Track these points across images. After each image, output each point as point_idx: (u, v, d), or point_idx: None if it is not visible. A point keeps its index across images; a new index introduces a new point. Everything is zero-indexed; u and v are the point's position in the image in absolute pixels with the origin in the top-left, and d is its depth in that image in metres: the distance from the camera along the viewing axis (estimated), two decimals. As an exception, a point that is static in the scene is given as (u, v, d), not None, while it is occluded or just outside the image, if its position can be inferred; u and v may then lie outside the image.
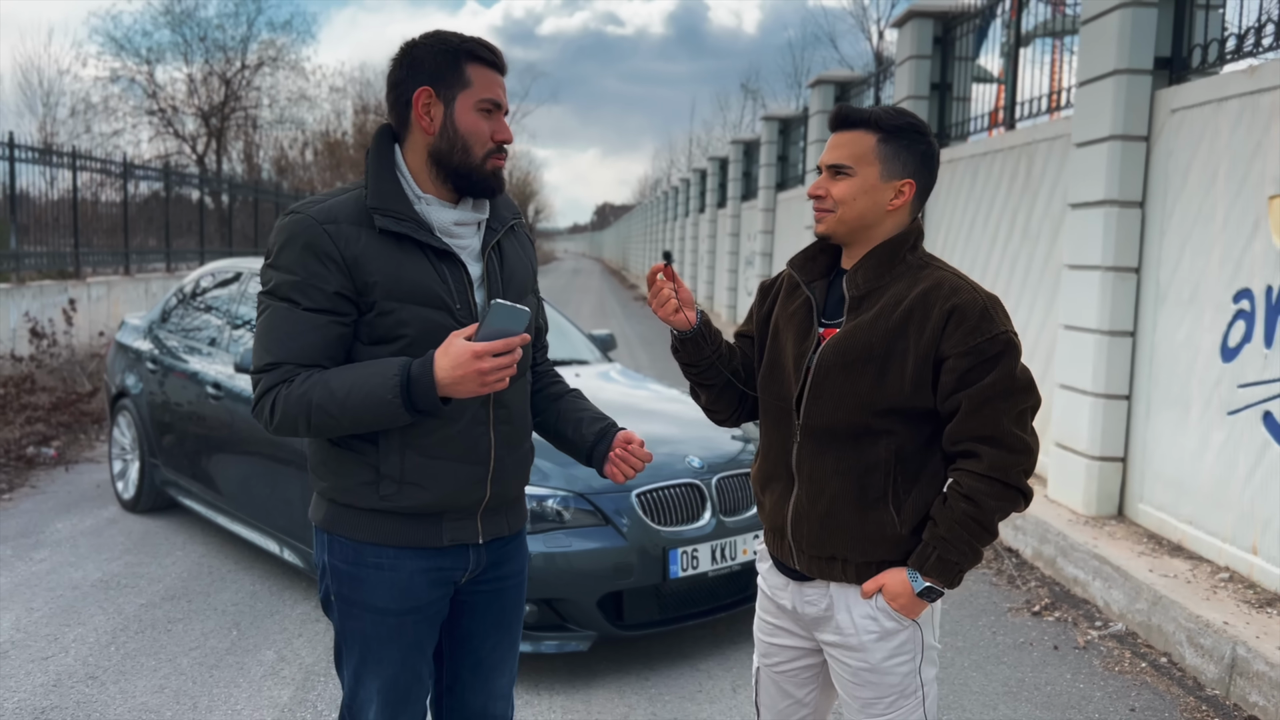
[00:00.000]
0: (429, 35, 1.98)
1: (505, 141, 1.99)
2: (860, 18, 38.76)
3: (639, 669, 3.99)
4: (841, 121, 2.01)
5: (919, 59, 8.59)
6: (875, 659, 2.02)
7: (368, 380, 1.85)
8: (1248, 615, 3.99)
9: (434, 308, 1.94)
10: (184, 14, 30.22)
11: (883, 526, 1.98)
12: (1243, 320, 4.49)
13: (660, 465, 4.09)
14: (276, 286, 1.91)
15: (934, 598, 1.98)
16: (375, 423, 1.87)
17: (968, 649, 4.27)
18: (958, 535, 1.92)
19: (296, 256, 1.89)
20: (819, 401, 1.99)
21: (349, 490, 1.99)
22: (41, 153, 12.10)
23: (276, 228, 1.95)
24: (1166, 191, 5.10)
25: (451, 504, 2.01)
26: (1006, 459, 1.92)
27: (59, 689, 3.77)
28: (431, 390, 1.82)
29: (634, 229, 51.73)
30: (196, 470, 5.37)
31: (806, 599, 2.09)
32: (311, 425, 1.88)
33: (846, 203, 1.98)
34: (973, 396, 1.91)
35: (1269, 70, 4.42)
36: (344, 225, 1.91)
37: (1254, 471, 4.39)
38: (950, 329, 1.91)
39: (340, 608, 2.05)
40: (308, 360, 1.89)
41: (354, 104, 40.17)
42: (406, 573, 2.01)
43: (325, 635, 4.27)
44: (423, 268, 1.94)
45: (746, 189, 18.15)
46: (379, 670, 2.05)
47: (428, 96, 1.93)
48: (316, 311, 1.89)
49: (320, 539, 2.07)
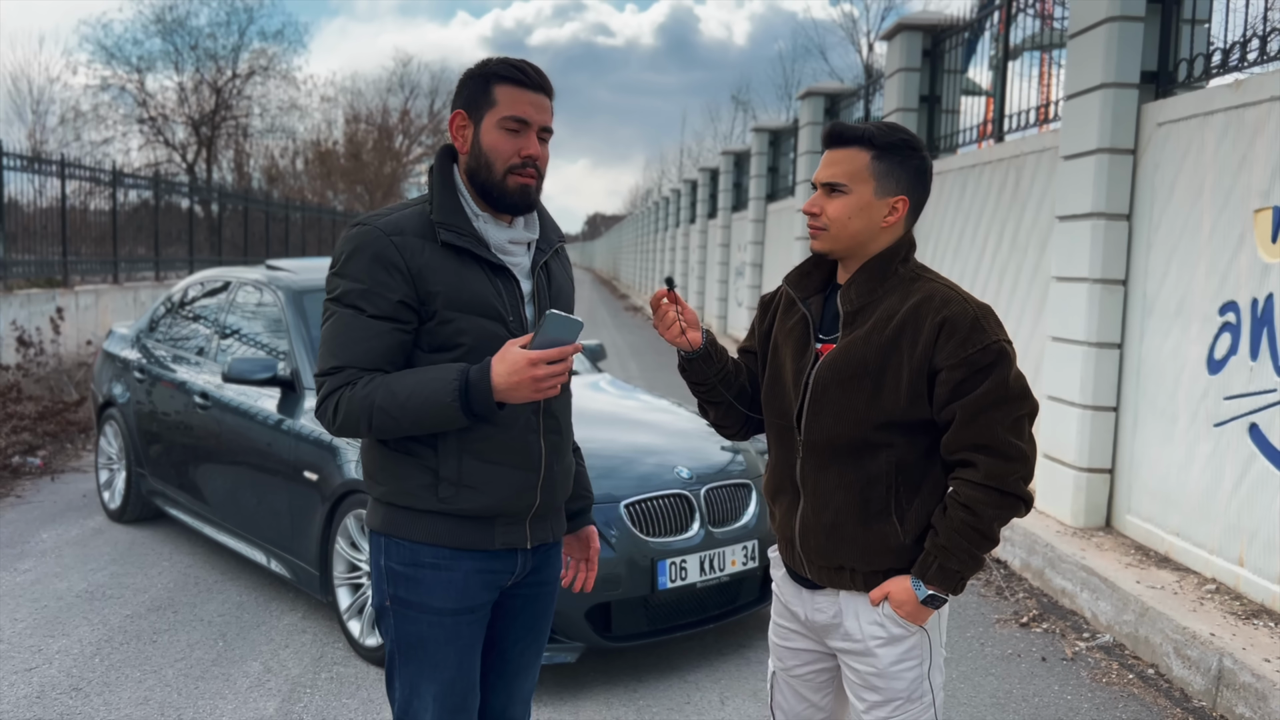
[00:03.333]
0: (477, 64, 2.08)
1: (532, 156, 2.03)
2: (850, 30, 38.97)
3: (627, 680, 3.98)
4: (836, 139, 2.02)
5: (908, 71, 8.63)
6: (883, 664, 2.04)
7: (428, 384, 1.93)
8: (1234, 627, 4.01)
9: (490, 318, 2.03)
10: (175, 22, 30.26)
11: (886, 538, 2.01)
12: (1229, 333, 4.51)
13: (649, 476, 4.09)
14: (343, 294, 2.00)
15: (938, 604, 2.01)
16: (433, 425, 1.96)
17: (955, 660, 4.27)
18: (957, 544, 1.95)
19: (364, 266, 1.98)
20: (818, 418, 2.02)
21: (407, 493, 2.06)
22: (30, 161, 12.05)
23: (344, 238, 2.04)
24: (1153, 204, 5.13)
25: (505, 509, 2.09)
26: (1003, 467, 1.94)
27: (43, 700, 3.74)
28: (488, 395, 1.91)
29: (625, 239, 51.77)
30: (183, 480, 5.34)
31: (816, 607, 2.12)
32: (373, 426, 1.96)
33: (841, 221, 2.00)
34: (967, 406, 1.93)
35: (1254, 85, 4.46)
36: (410, 237, 2.00)
37: (1240, 483, 4.41)
38: (942, 341, 1.94)
39: (397, 612, 2.10)
40: (370, 365, 1.98)
41: (345, 113, 40.21)
42: (462, 572, 2.08)
43: (312, 646, 4.24)
44: (481, 281, 2.03)
45: (737, 200, 18.19)
46: (435, 675, 2.10)
47: (461, 119, 2.06)
48: (380, 319, 1.98)
49: (377, 543, 2.12)
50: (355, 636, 4.12)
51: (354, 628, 4.14)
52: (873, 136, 1.98)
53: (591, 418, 4.94)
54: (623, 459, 4.24)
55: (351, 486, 4.04)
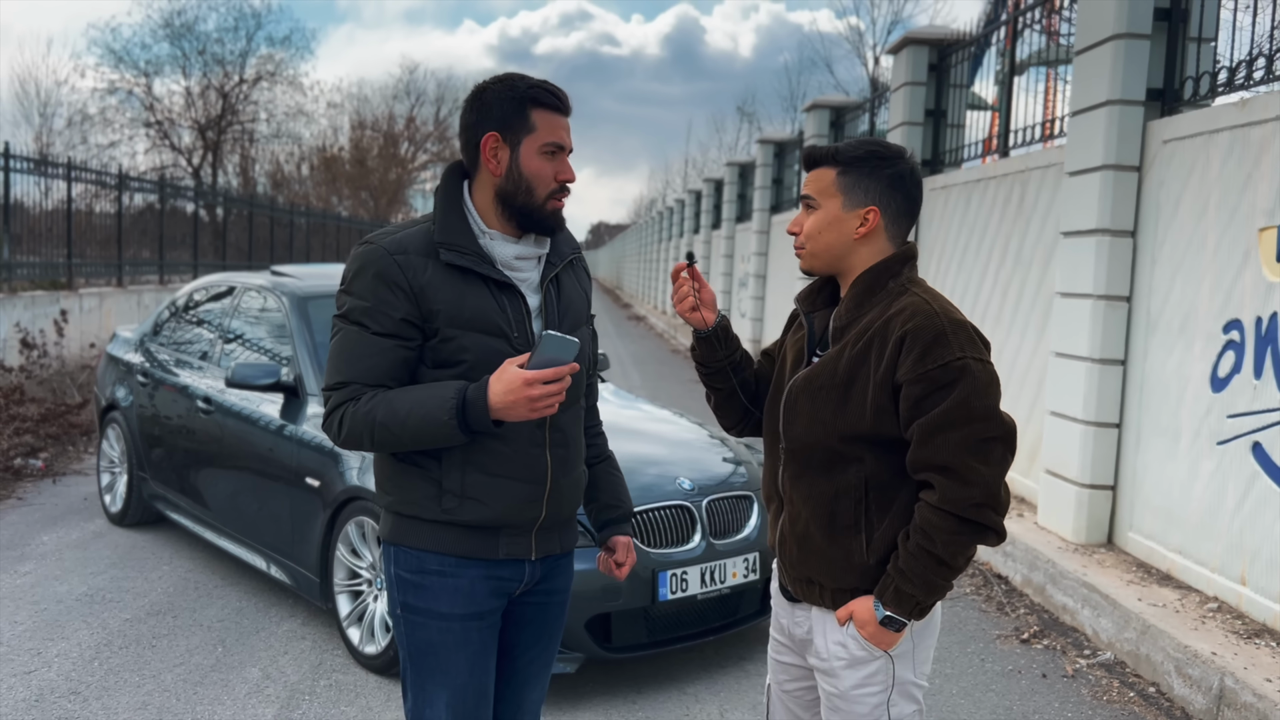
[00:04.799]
0: (499, 80, 2.09)
1: (568, 181, 2.10)
2: (856, 43, 39.07)
3: (627, 692, 3.97)
4: (808, 161, 2.08)
5: (914, 85, 8.65)
6: (844, 686, 2.02)
7: (427, 402, 1.97)
8: (1236, 646, 3.99)
9: (493, 335, 2.05)
10: (183, 27, 30.36)
11: (850, 554, 2.00)
12: (1232, 351, 4.51)
13: (650, 486, 4.09)
14: (349, 311, 2.05)
15: (898, 628, 1.96)
16: (433, 441, 2.00)
17: (956, 676, 4.26)
18: (912, 568, 1.91)
19: (368, 284, 2.02)
20: (791, 426, 2.06)
21: (413, 503, 2.10)
22: (37, 163, 12.09)
23: (352, 255, 2.09)
24: (1158, 221, 5.14)
25: (509, 520, 2.11)
26: (959, 491, 1.87)
27: (41, 704, 3.73)
28: (485, 413, 1.95)
29: (629, 248, 51.81)
30: (185, 485, 5.34)
31: (795, 620, 2.13)
32: (375, 441, 2.01)
33: (813, 236, 2.05)
34: (924, 425, 1.89)
35: (1260, 104, 4.46)
36: (413, 256, 2.04)
37: (1243, 502, 4.40)
38: (904, 355, 1.91)
39: (407, 619, 2.13)
40: (374, 380, 2.03)
41: (351, 120, 40.33)
42: (468, 579, 2.11)
43: (311, 653, 4.24)
44: (483, 298, 2.06)
45: (741, 211, 18.21)
46: (446, 680, 2.12)
47: (495, 141, 2.05)
48: (384, 336, 2.02)
49: (387, 553, 2.16)
50: (354, 644, 4.12)
51: (353, 635, 4.13)
52: (837, 152, 2.02)
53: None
54: (624, 469, 4.20)
55: (353, 493, 4.04)
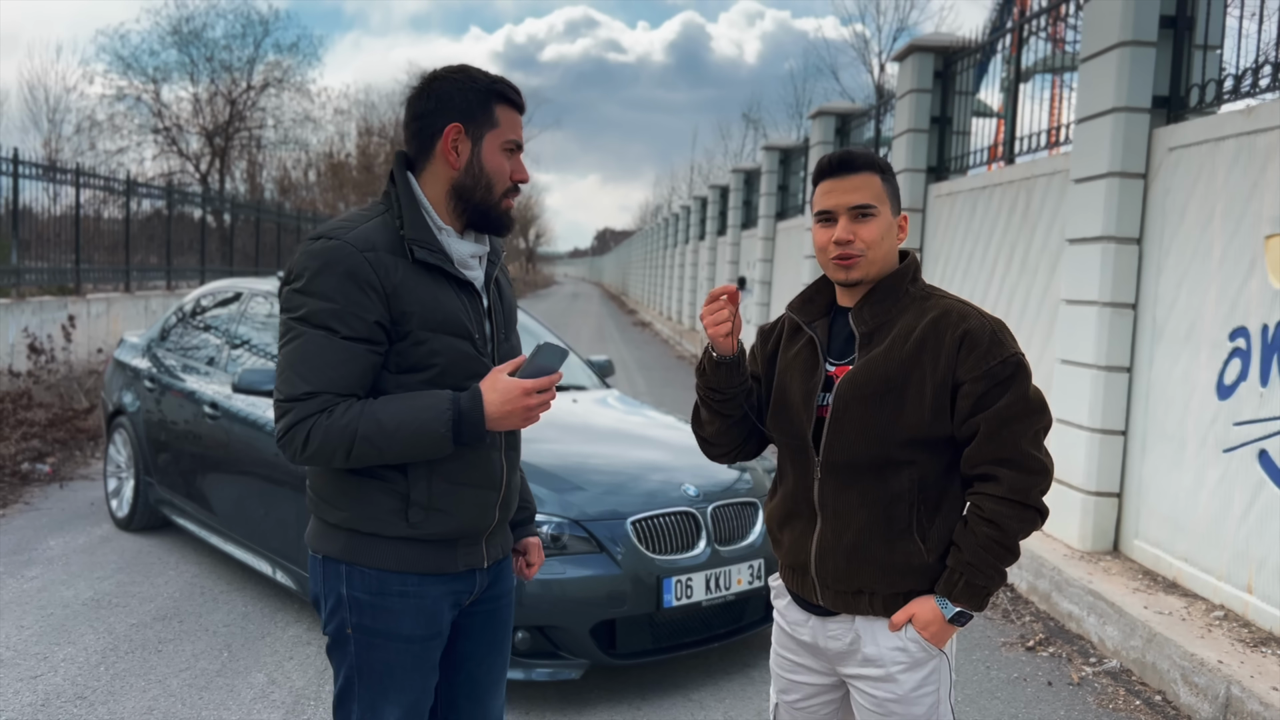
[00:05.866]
0: (457, 71, 2.01)
1: (523, 181, 2.05)
2: (861, 50, 39.04)
3: (632, 699, 3.97)
4: (847, 165, 2.03)
5: (919, 92, 8.66)
6: (904, 689, 2.03)
7: (418, 414, 1.87)
8: (1242, 654, 3.98)
9: (460, 337, 1.98)
10: (191, 34, 30.45)
11: (910, 556, 2.00)
12: (1238, 358, 4.51)
13: (655, 493, 4.09)
14: (311, 314, 1.87)
15: (964, 622, 2.01)
16: (420, 454, 1.91)
17: (961, 683, 4.26)
18: (983, 559, 1.95)
19: (335, 283, 1.86)
20: (839, 436, 2.01)
21: (373, 519, 1.97)
22: (45, 169, 12.15)
23: (307, 252, 1.91)
24: (1164, 229, 5.14)
25: (468, 529, 2.04)
26: (1025, 480, 1.95)
27: (47, 709, 3.74)
28: (480, 424, 1.89)
29: (634, 255, 51.87)
30: (191, 490, 5.36)
31: (830, 634, 2.09)
32: (352, 456, 1.87)
33: (876, 244, 2.02)
34: (990, 419, 1.95)
35: (1266, 111, 4.46)
36: (382, 254, 1.91)
37: (1249, 510, 4.39)
38: (964, 354, 1.95)
39: (360, 639, 2.02)
40: (345, 390, 1.88)
41: (358, 126, 40.40)
42: (431, 599, 2.03)
43: (317, 658, 4.24)
44: (451, 298, 1.98)
45: (747, 217, 18.22)
46: (400, 699, 2.04)
47: (457, 133, 1.97)
48: (354, 340, 1.88)
49: (333, 570, 2.01)
50: (360, 649, 4.12)
51: (359, 640, 4.13)
52: (874, 160, 2.05)
53: (598, 433, 4.95)
54: (629, 475, 4.24)
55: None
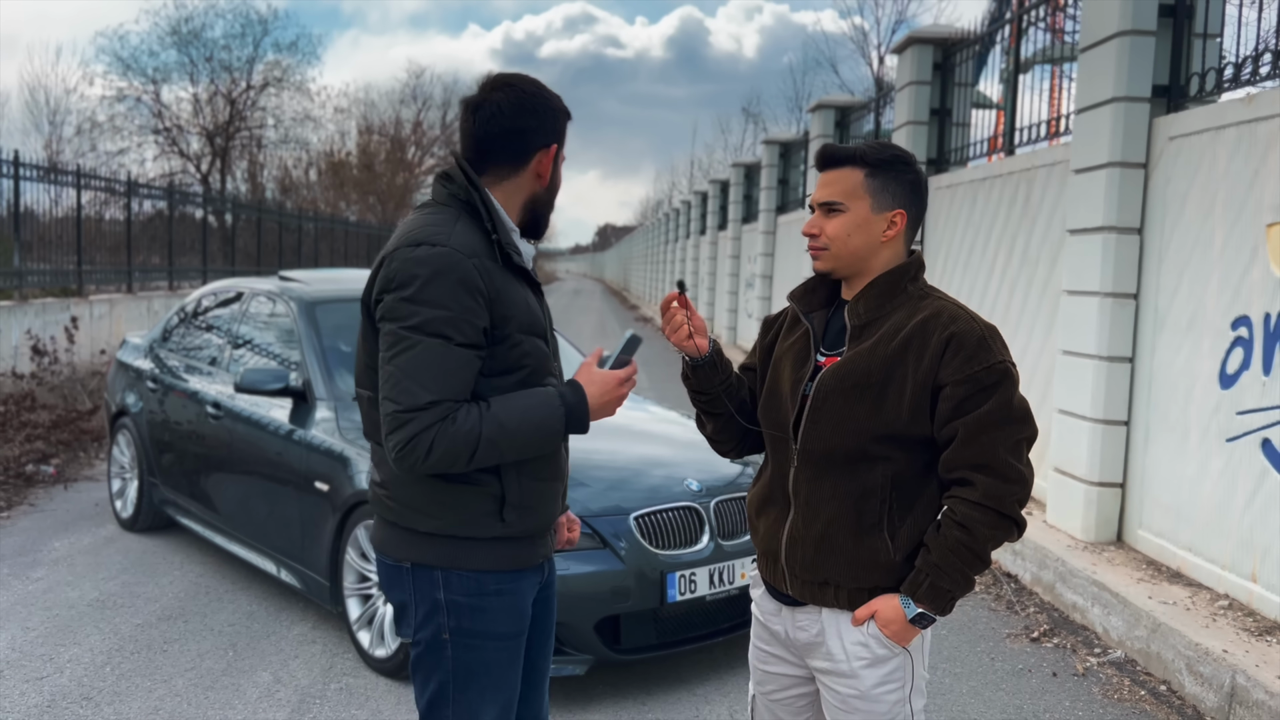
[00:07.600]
0: (537, 86, 2.07)
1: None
2: (860, 43, 38.94)
3: (636, 694, 3.98)
4: (828, 160, 2.05)
5: (919, 84, 8.64)
6: (865, 686, 2.02)
7: (534, 411, 1.96)
8: (1247, 643, 3.98)
9: (541, 337, 2.07)
10: (191, 34, 30.42)
11: (876, 553, 1.99)
12: (1241, 347, 4.50)
13: (658, 488, 4.10)
14: (426, 322, 1.87)
15: (926, 624, 1.99)
16: (534, 452, 2.00)
17: (966, 675, 4.26)
18: (950, 563, 1.93)
19: (448, 291, 1.88)
20: (817, 426, 2.01)
21: (470, 522, 2.02)
22: (46, 171, 12.15)
23: (415, 259, 1.90)
24: (1165, 218, 5.12)
25: (547, 522, 2.13)
26: (1001, 488, 1.93)
27: (53, 709, 3.75)
28: (586, 417, 1.99)
29: (635, 250, 51.85)
30: (195, 490, 5.36)
31: (798, 625, 2.10)
32: (475, 459, 1.91)
33: (841, 239, 2.03)
34: (969, 424, 1.93)
35: (1266, 99, 4.45)
36: (484, 260, 1.95)
37: (1253, 499, 4.39)
38: (948, 356, 1.94)
39: (458, 643, 2.05)
40: (463, 396, 1.92)
41: (358, 124, 40.37)
42: (521, 594, 2.11)
43: (321, 657, 4.25)
44: (532, 301, 2.08)
45: (747, 211, 18.21)
46: (497, 697, 2.10)
47: (554, 154, 2.08)
48: (468, 347, 1.91)
49: (426, 577, 2.04)
50: (365, 647, 4.13)
51: (364, 638, 4.14)
52: (864, 154, 2.02)
53: (601, 429, 4.91)
54: (632, 471, 4.25)
55: (362, 497, 4.05)
